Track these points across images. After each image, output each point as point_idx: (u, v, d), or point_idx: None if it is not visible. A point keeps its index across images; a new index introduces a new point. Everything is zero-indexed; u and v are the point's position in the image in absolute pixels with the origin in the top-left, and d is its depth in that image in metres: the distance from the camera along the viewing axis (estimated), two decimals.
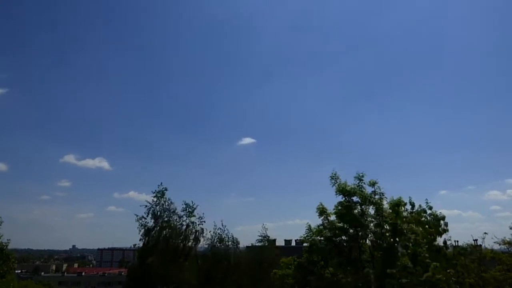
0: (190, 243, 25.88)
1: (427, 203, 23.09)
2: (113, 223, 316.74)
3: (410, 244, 14.52)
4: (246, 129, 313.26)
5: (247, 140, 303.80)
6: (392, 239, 14.44)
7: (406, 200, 16.41)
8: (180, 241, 25.55)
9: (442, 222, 22.73)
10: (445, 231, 23.24)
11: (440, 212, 23.31)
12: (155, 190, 25.94)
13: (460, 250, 24.90)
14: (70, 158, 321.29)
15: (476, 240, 25.53)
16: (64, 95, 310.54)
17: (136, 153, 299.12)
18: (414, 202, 22.96)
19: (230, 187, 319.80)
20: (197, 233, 26.02)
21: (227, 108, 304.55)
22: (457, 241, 26.43)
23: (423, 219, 21.97)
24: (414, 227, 15.61)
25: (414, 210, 22.75)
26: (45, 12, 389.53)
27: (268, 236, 30.41)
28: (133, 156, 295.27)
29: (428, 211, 23.12)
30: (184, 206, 25.96)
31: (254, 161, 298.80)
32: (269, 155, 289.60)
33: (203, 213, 26.27)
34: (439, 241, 22.37)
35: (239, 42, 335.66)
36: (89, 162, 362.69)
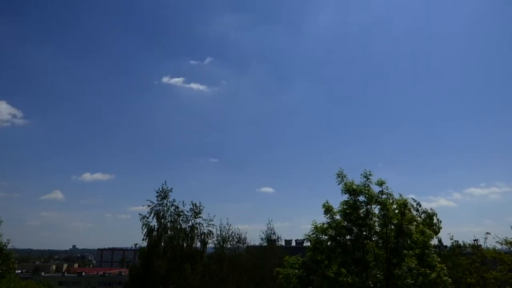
0: (195, 245, 25.71)
1: (414, 200, 23.00)
2: (115, 225, 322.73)
3: (418, 246, 14.49)
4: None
5: None
6: (397, 240, 14.41)
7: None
8: (184, 242, 25.39)
9: (435, 218, 22.77)
10: (439, 228, 23.30)
11: (431, 209, 23.29)
12: (158, 190, 25.92)
13: (460, 250, 24.97)
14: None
15: (477, 240, 25.61)
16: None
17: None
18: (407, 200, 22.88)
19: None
20: (204, 236, 25.84)
21: None
22: (457, 241, 26.51)
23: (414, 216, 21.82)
24: (422, 227, 15.60)
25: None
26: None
27: (278, 236, 30.59)
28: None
29: (419, 208, 23.05)
30: (192, 206, 26.01)
31: None
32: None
33: (214, 216, 26.21)
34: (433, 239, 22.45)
35: None
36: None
